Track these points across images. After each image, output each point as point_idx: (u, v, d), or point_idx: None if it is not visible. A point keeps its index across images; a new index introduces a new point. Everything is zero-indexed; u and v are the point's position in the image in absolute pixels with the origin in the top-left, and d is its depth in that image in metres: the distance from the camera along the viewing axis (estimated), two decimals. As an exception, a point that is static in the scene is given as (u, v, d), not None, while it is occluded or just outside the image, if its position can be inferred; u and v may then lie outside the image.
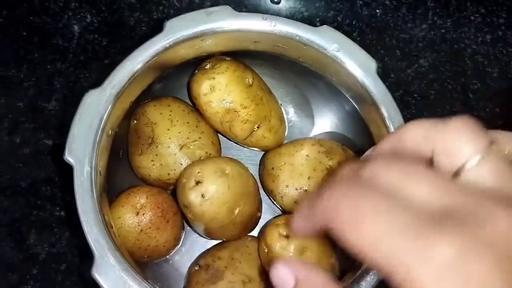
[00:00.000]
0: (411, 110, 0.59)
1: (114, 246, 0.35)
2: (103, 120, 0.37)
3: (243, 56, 0.48)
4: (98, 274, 0.34)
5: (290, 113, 0.54)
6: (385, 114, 0.40)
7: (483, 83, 0.61)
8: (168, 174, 0.47)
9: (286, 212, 0.49)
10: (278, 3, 0.63)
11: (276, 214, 0.51)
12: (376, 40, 0.62)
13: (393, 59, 0.61)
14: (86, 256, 0.51)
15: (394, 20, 0.63)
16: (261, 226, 0.50)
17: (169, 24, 0.41)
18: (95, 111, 0.37)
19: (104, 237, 0.34)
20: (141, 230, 0.44)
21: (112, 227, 0.38)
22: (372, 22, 0.63)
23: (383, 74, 0.61)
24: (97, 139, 0.37)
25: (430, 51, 0.62)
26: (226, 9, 0.42)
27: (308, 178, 0.47)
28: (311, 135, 0.53)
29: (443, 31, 0.63)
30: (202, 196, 0.41)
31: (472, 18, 0.64)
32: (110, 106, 0.38)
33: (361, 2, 0.63)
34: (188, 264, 0.49)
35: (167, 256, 0.49)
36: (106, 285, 0.33)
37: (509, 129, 0.59)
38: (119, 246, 0.36)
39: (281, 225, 0.44)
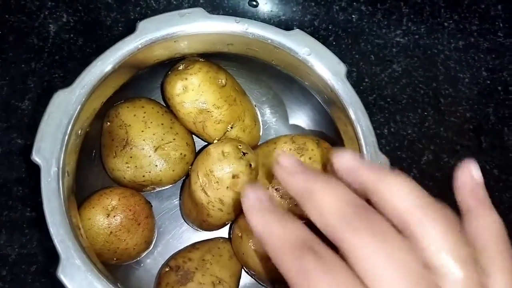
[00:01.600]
0: (384, 114, 0.60)
1: (81, 247, 0.35)
2: (72, 120, 0.37)
3: (218, 58, 0.48)
4: (63, 276, 0.33)
5: (266, 114, 0.54)
6: (353, 117, 0.40)
7: (454, 88, 0.62)
8: (143, 176, 0.47)
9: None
10: (256, 6, 0.63)
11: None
12: (352, 45, 0.63)
13: (368, 64, 0.62)
14: (57, 257, 0.51)
15: (369, 26, 0.64)
16: (230, 227, 0.50)
17: (142, 25, 0.41)
18: (63, 111, 0.37)
19: (70, 239, 0.34)
20: (111, 232, 0.44)
21: (80, 229, 0.38)
22: (348, 27, 0.64)
23: (358, 78, 0.62)
24: (66, 139, 0.37)
25: (403, 56, 0.63)
26: (200, 11, 0.42)
27: (279, 178, 0.47)
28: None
29: (416, 36, 0.64)
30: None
31: (445, 24, 0.65)
32: (79, 106, 0.38)
33: (337, 7, 0.64)
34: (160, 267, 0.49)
35: (139, 259, 0.49)
36: (72, 286, 0.33)
37: (480, 132, 0.60)
38: (86, 247, 0.36)
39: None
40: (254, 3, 0.63)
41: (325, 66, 0.41)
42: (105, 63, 0.39)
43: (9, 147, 0.55)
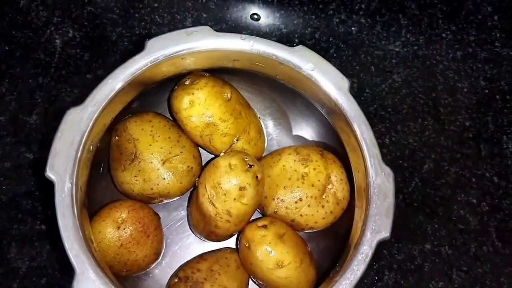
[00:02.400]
0: (385, 124, 0.62)
1: (95, 261, 0.36)
2: (84, 137, 0.38)
3: (223, 73, 0.50)
4: (79, 289, 0.34)
5: (269, 126, 0.56)
6: (357, 130, 0.41)
7: (453, 97, 0.64)
8: (151, 188, 0.48)
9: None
10: (258, 19, 0.65)
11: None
12: (352, 57, 0.64)
13: (368, 75, 0.64)
14: (67, 269, 0.52)
15: (369, 38, 0.66)
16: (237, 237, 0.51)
17: (150, 43, 0.42)
18: (76, 128, 0.38)
19: (84, 253, 0.35)
20: (121, 244, 0.45)
21: (93, 242, 0.39)
22: (348, 39, 0.65)
23: (359, 89, 0.63)
24: (78, 156, 0.38)
25: (403, 67, 0.65)
26: (206, 29, 0.43)
27: (284, 187, 0.48)
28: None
29: (415, 47, 0.65)
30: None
31: (443, 35, 0.66)
32: (91, 123, 0.39)
33: (337, 20, 0.66)
34: (168, 277, 0.50)
35: (147, 270, 0.50)
36: (87, 300, 0.34)
37: (479, 141, 0.61)
38: (99, 261, 0.37)
39: (257, 221, 0.46)
40: (256, 16, 0.65)
41: (329, 81, 0.43)
42: (116, 81, 0.40)
43: (17, 161, 0.56)
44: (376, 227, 0.39)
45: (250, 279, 0.50)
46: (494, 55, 0.66)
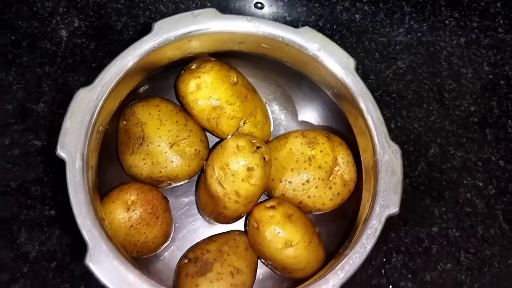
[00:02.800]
0: (391, 109, 0.62)
1: (107, 236, 0.36)
2: (94, 116, 0.39)
3: (228, 58, 0.50)
4: (92, 263, 0.35)
5: (275, 111, 0.56)
6: (364, 108, 0.42)
7: (458, 83, 0.64)
8: (160, 171, 0.49)
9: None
10: (261, 8, 0.65)
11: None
12: (356, 43, 0.65)
13: (373, 61, 0.64)
14: (76, 253, 0.52)
15: (372, 25, 0.66)
16: (245, 221, 0.51)
17: (158, 25, 0.42)
18: (86, 107, 0.39)
19: (97, 228, 0.36)
20: (131, 225, 0.46)
21: (104, 220, 0.39)
22: (352, 26, 0.66)
23: (363, 75, 0.63)
24: (88, 135, 0.38)
25: (407, 53, 0.65)
26: (212, 11, 0.44)
27: (291, 170, 0.49)
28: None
29: (419, 34, 0.66)
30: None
31: (446, 22, 0.67)
32: (100, 103, 0.39)
33: (341, 8, 0.66)
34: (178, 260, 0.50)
35: (158, 252, 0.50)
36: (100, 273, 0.34)
37: (484, 125, 0.62)
38: (112, 237, 0.37)
39: (265, 202, 0.47)
40: (259, 5, 0.65)
41: (335, 61, 0.43)
42: (124, 62, 0.41)
43: (26, 148, 0.56)
44: (384, 202, 0.39)
45: (259, 260, 0.50)
46: (497, 41, 0.67)
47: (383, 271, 0.55)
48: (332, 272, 0.37)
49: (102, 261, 0.35)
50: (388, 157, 0.40)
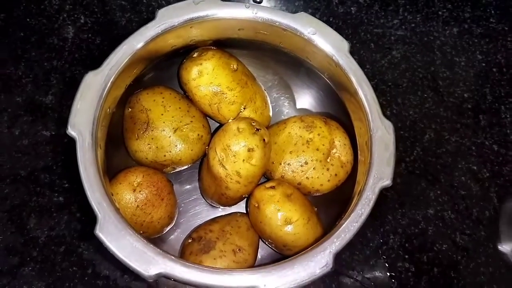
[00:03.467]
0: (386, 97, 0.64)
1: (115, 208, 0.38)
2: (102, 98, 0.41)
3: (228, 47, 0.52)
4: (101, 233, 0.37)
5: (274, 99, 0.58)
6: (358, 88, 0.44)
7: (451, 71, 0.66)
8: (164, 155, 0.51)
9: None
10: (260, 2, 0.68)
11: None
12: (352, 35, 0.67)
13: (368, 52, 0.66)
14: (84, 237, 0.54)
15: (368, 17, 0.68)
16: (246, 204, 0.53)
17: (161, 13, 0.45)
18: (94, 89, 0.41)
19: (106, 200, 0.38)
20: (137, 206, 0.48)
21: (113, 194, 0.41)
22: (347, 18, 0.68)
23: (359, 65, 0.65)
24: (97, 115, 0.40)
25: (401, 43, 0.67)
26: (212, -1, 0.46)
27: (290, 152, 0.51)
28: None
29: (413, 25, 0.68)
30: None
31: (440, 13, 0.69)
32: (108, 84, 0.41)
33: (336, 1, 0.69)
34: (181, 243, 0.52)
35: (162, 235, 0.52)
36: (109, 242, 0.36)
37: (478, 111, 0.63)
38: (119, 209, 0.39)
39: (265, 183, 0.49)
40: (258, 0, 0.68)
41: (330, 44, 0.45)
42: (130, 46, 0.43)
43: (35, 138, 0.58)
44: (378, 174, 0.41)
45: (260, 241, 0.52)
46: (489, 30, 0.69)
47: (380, 252, 0.57)
48: (329, 240, 0.38)
49: (111, 231, 0.37)
50: (381, 133, 0.42)
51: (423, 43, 0.67)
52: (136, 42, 0.43)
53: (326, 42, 0.45)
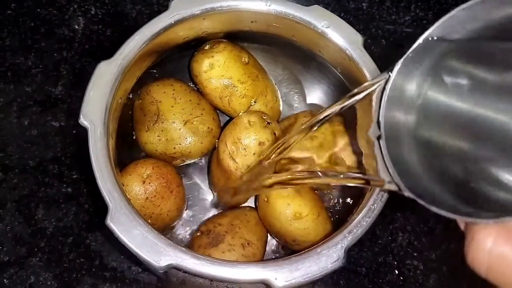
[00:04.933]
0: (397, 94, 0.63)
1: (126, 198, 0.38)
2: (114, 88, 0.41)
3: (239, 41, 0.52)
4: (112, 223, 0.36)
5: (284, 93, 0.58)
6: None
7: (463, 69, 0.65)
8: (174, 148, 0.50)
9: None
10: (270, -3, 0.67)
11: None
12: (363, 31, 0.66)
13: (379, 48, 0.66)
14: (92, 228, 0.54)
15: (379, 13, 0.68)
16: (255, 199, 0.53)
17: (174, 3, 0.44)
18: (107, 79, 0.41)
19: (117, 191, 0.37)
20: (147, 198, 0.47)
21: (123, 185, 0.41)
22: (359, 14, 0.67)
23: (371, 60, 0.65)
24: (109, 105, 0.40)
25: (413, 40, 0.66)
26: (226, -9, 0.46)
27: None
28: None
29: (424, 22, 0.68)
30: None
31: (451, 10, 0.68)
32: (120, 74, 0.41)
33: (348, -4, 0.68)
34: (190, 237, 0.52)
35: (170, 227, 0.52)
36: (120, 232, 0.36)
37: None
38: (130, 199, 0.39)
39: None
40: (269, -6, 0.67)
41: (343, 37, 0.45)
42: (142, 37, 0.43)
43: (44, 129, 0.58)
44: (391, 170, 0.40)
45: (268, 236, 0.52)
46: (501, 29, 0.68)
47: (388, 249, 0.56)
48: (341, 235, 0.38)
49: (122, 221, 0.36)
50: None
51: (434, 40, 0.67)
52: (148, 33, 0.43)
53: (339, 36, 0.45)
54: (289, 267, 0.37)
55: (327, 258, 0.37)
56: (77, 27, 0.64)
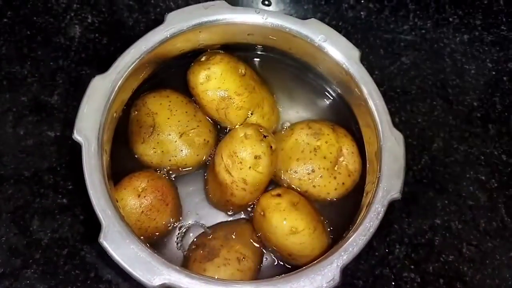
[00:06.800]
0: (395, 104, 0.63)
1: (120, 216, 0.37)
2: (109, 102, 0.40)
3: (236, 51, 0.52)
4: (105, 241, 0.36)
5: (281, 104, 0.57)
6: (368, 97, 0.43)
7: (461, 79, 0.65)
8: (169, 160, 0.50)
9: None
10: (269, 5, 0.67)
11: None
12: (361, 40, 0.66)
13: (377, 57, 0.65)
14: (87, 240, 0.54)
15: (377, 22, 0.67)
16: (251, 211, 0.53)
17: (170, 16, 0.44)
18: (101, 94, 0.40)
19: (110, 208, 0.37)
20: (142, 211, 0.47)
21: (117, 201, 0.41)
22: (357, 23, 0.67)
23: (368, 71, 0.63)
24: (103, 120, 0.40)
25: (411, 50, 0.66)
26: (223, 3, 0.45)
27: (297, 160, 0.50)
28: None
29: (423, 31, 0.67)
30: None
31: (450, 19, 0.68)
32: (115, 89, 0.41)
33: (346, 5, 0.68)
34: (186, 247, 0.51)
35: (166, 239, 0.51)
36: (113, 251, 0.36)
37: (487, 120, 0.63)
38: (125, 218, 0.38)
39: (271, 190, 0.48)
40: (267, 2, 0.67)
41: (340, 51, 0.44)
42: (138, 51, 0.42)
43: (40, 139, 0.58)
44: (387, 187, 0.40)
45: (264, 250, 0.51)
46: (500, 38, 0.68)
47: (385, 262, 0.56)
48: (336, 254, 0.38)
49: (115, 239, 0.36)
50: (391, 144, 0.41)
51: (433, 50, 0.66)
52: (144, 46, 0.43)
53: (336, 50, 0.45)
54: (283, 286, 0.36)
55: (322, 278, 0.37)
56: (73, 35, 0.63)
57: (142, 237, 0.47)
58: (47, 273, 0.53)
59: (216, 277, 0.41)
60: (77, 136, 0.39)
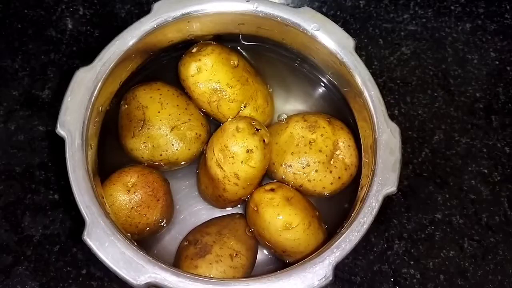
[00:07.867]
0: (395, 95, 0.61)
1: (105, 213, 0.36)
2: (93, 96, 0.39)
3: (229, 43, 0.50)
4: (89, 239, 0.35)
5: (275, 96, 0.56)
6: (363, 88, 0.42)
7: (463, 69, 0.63)
8: (160, 155, 0.49)
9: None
10: (265, -5, 0.65)
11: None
12: (360, 30, 0.64)
13: (376, 48, 0.64)
14: (79, 236, 0.53)
15: (377, 11, 0.65)
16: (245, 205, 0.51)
17: (157, 6, 0.43)
18: (85, 87, 0.39)
19: (95, 204, 0.36)
20: (132, 207, 0.46)
21: (103, 197, 0.40)
22: (355, 12, 0.65)
23: (367, 61, 0.62)
24: (88, 114, 0.39)
25: (412, 39, 0.64)
26: (211, -7, 0.44)
27: (292, 153, 0.48)
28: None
29: (424, 20, 0.65)
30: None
31: (452, 8, 0.66)
32: (100, 82, 0.40)
33: (344, -6, 0.66)
34: (178, 243, 0.50)
35: (157, 236, 0.50)
36: (97, 248, 0.35)
37: (490, 111, 0.61)
38: (110, 215, 0.37)
39: (265, 185, 0.47)
40: (263, -8, 0.65)
41: (334, 41, 0.43)
42: (123, 42, 0.41)
43: (31, 134, 0.57)
44: (382, 181, 0.39)
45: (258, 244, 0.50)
46: (504, 27, 0.66)
47: (384, 258, 0.55)
48: (328, 250, 0.36)
49: (99, 237, 0.35)
50: (386, 136, 0.40)
51: (434, 39, 0.64)
52: (130, 37, 0.41)
53: (330, 39, 0.43)
54: (273, 284, 0.35)
55: (314, 275, 0.35)
56: (64, 28, 0.62)
57: (132, 234, 0.46)
58: (38, 270, 0.52)
59: (205, 275, 0.40)
60: (60, 130, 0.38)
